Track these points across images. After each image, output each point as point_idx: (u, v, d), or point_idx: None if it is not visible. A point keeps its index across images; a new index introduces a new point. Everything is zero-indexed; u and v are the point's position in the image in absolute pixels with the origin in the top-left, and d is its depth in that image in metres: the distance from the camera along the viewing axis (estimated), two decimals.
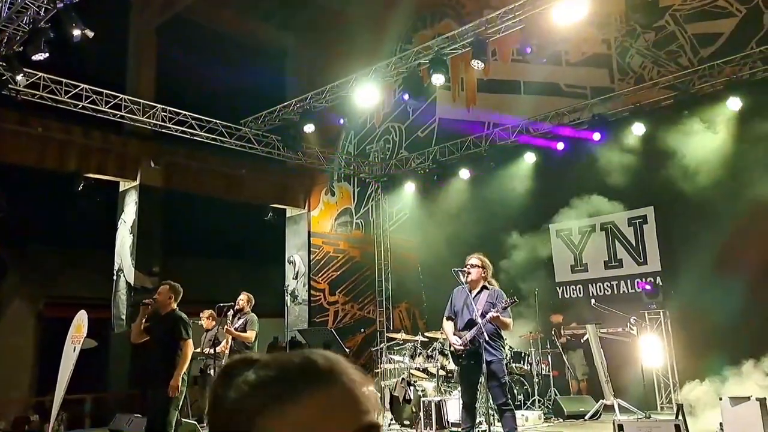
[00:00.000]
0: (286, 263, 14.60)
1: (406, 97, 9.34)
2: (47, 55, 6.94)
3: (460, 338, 5.76)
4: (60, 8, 6.40)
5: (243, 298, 8.06)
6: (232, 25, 14.78)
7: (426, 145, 12.60)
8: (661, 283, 8.96)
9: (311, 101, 10.43)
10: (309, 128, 10.38)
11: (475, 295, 5.78)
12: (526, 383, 8.50)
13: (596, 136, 9.74)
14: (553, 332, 8.93)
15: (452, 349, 6.02)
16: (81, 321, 9.14)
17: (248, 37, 15.22)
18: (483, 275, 5.91)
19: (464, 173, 11.53)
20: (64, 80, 9.03)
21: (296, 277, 14.36)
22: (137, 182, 11.87)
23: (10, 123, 9.98)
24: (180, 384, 5.73)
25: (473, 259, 5.92)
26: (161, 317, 5.98)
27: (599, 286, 9.97)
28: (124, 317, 11.52)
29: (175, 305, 6.03)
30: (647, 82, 9.65)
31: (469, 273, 5.81)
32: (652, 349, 7.39)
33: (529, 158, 10.64)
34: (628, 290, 9.57)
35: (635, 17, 9.23)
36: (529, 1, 7.86)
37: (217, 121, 10.89)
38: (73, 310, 9.63)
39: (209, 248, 15.15)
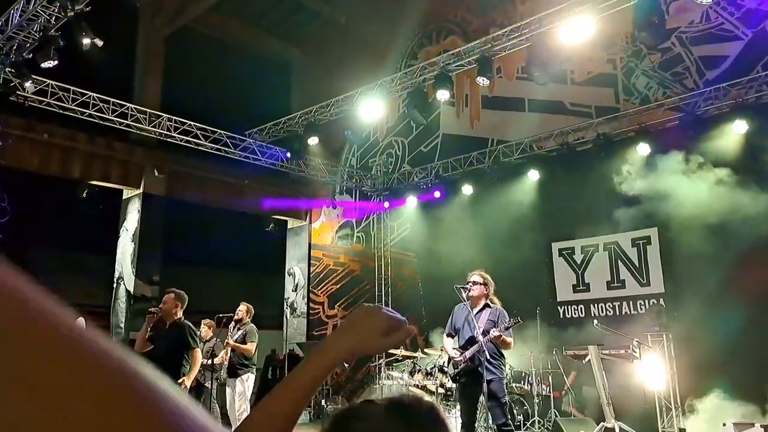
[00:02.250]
0: (286, 275, 14.57)
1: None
2: (56, 62, 6.98)
3: (460, 354, 5.73)
4: (70, 17, 6.44)
5: (242, 309, 8.03)
6: (239, 37, 14.87)
7: (429, 160, 12.61)
8: (664, 305, 8.92)
9: (316, 114, 10.46)
10: (313, 141, 10.41)
11: (477, 313, 5.75)
12: (526, 403, 8.43)
13: (600, 155, 9.76)
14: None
15: (450, 367, 5.98)
16: None
17: (254, 49, 15.30)
18: (485, 292, 5.88)
19: (467, 189, 11.52)
20: (71, 88, 9.07)
21: (296, 290, 14.32)
22: (140, 190, 11.88)
23: (16, 129, 10.01)
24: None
25: (475, 276, 5.88)
26: (167, 326, 5.97)
27: (601, 307, 9.91)
28: (122, 325, 11.48)
29: (180, 314, 6.02)
30: (652, 103, 9.67)
31: (470, 290, 5.78)
32: (654, 371, 7.33)
33: (533, 176, 10.64)
34: (630, 311, 9.52)
35: (641, 38, 9.24)
36: (536, 20, 7.91)
37: (222, 132, 10.92)
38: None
39: (210, 258, 15.13)
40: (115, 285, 11.91)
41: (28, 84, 7.95)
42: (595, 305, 9.96)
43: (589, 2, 7.36)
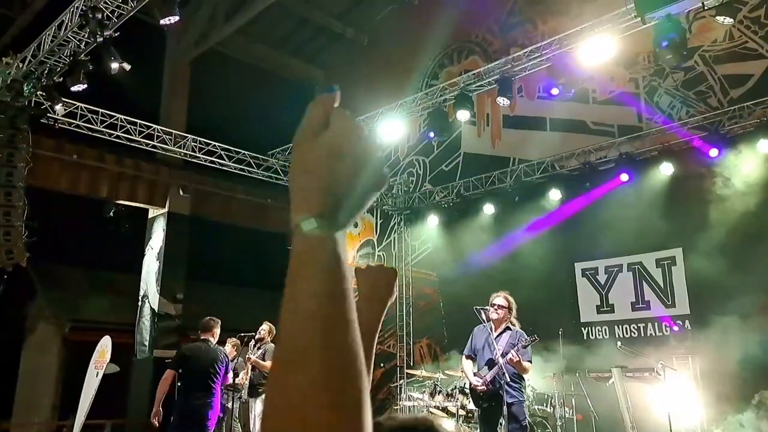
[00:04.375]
0: None
1: (432, 134, 9.38)
2: (85, 86, 7.17)
3: (481, 379, 5.69)
4: (99, 42, 6.62)
5: (265, 328, 8.08)
6: (263, 59, 15.12)
7: (450, 179, 12.61)
8: (689, 327, 8.77)
9: None
10: None
11: (497, 336, 5.72)
12: (548, 426, 8.30)
13: (624, 176, 9.67)
14: None
15: (471, 387, 5.94)
16: (105, 346, 9.24)
17: (278, 70, 15.54)
18: (507, 316, 5.85)
19: (488, 208, 11.48)
20: (100, 110, 9.30)
21: None
22: (166, 210, 12.08)
23: (46, 150, 10.28)
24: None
25: (500, 299, 5.83)
26: None
27: (626, 328, 9.75)
28: (147, 343, 11.61)
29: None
30: (676, 122, 9.58)
31: (496, 312, 5.75)
32: (679, 395, 7.19)
33: (554, 195, 10.57)
34: (655, 333, 9.36)
35: (663, 57, 9.22)
36: (556, 41, 7.92)
37: (245, 152, 11.08)
38: (97, 335, 9.75)
39: (233, 276, 15.28)
40: (139, 303, 12.07)
41: (58, 107, 8.16)
42: (620, 326, 9.81)
43: (609, 22, 7.37)
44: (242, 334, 7.87)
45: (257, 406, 7.85)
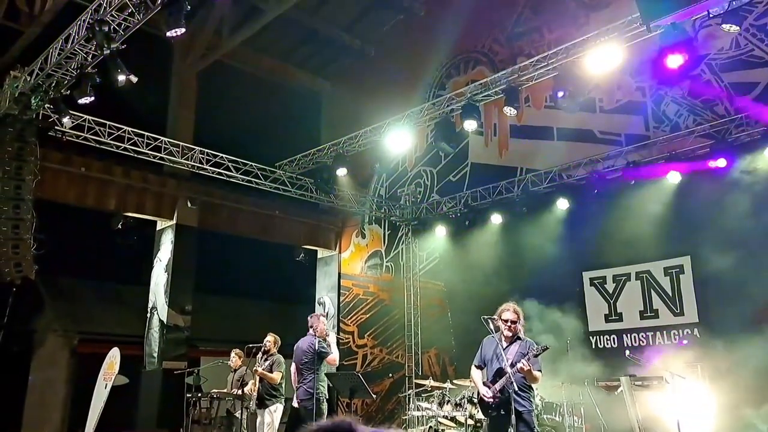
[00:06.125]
0: (316, 304, 14.62)
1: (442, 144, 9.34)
2: (93, 98, 7.22)
3: (489, 389, 5.65)
4: (106, 55, 6.68)
5: (270, 340, 8.11)
6: (270, 71, 15.21)
7: (457, 190, 12.61)
8: (698, 336, 8.69)
9: (344, 145, 10.59)
10: (341, 172, 10.53)
11: (507, 346, 5.68)
12: None
13: (631, 183, 9.65)
14: None
15: (480, 397, 5.90)
16: (113, 358, 9.27)
17: (285, 82, 15.62)
18: (519, 329, 5.81)
19: (496, 218, 11.47)
20: (107, 123, 9.37)
21: (326, 319, 14.33)
22: (174, 222, 12.12)
23: (54, 162, 10.35)
24: None
25: (510, 314, 5.76)
26: None
27: (634, 337, 9.69)
28: (155, 354, 11.61)
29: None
30: (683, 130, 9.55)
31: (509, 330, 5.70)
32: (688, 403, 7.11)
33: (562, 204, 10.55)
34: (664, 341, 9.29)
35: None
36: (563, 50, 7.92)
37: (253, 164, 11.12)
38: (107, 347, 9.78)
39: (241, 288, 15.31)
40: (148, 315, 12.09)
41: (65, 119, 8.20)
42: (628, 335, 9.75)
43: (616, 31, 7.37)
44: (250, 345, 7.87)
45: (265, 417, 7.85)
